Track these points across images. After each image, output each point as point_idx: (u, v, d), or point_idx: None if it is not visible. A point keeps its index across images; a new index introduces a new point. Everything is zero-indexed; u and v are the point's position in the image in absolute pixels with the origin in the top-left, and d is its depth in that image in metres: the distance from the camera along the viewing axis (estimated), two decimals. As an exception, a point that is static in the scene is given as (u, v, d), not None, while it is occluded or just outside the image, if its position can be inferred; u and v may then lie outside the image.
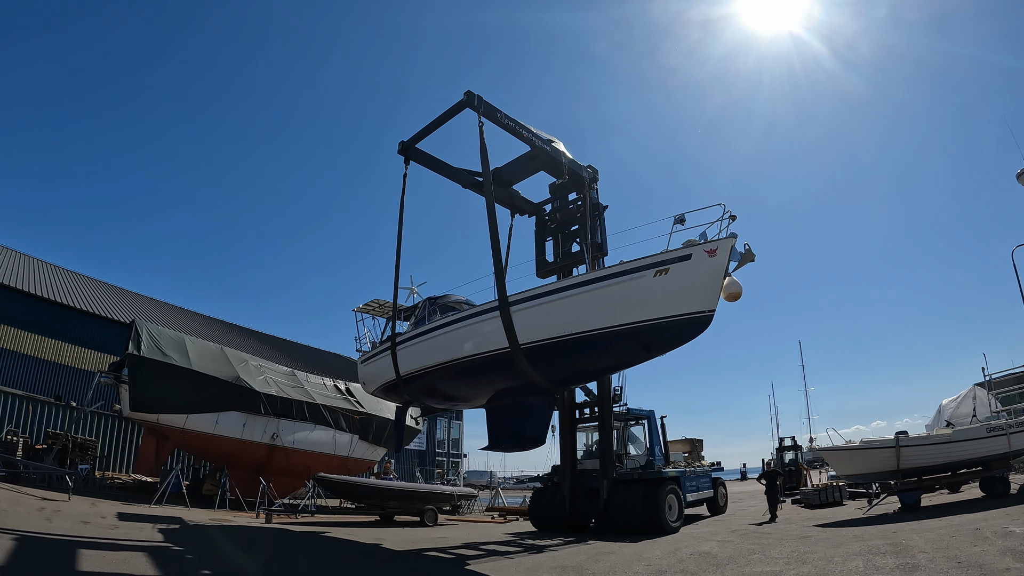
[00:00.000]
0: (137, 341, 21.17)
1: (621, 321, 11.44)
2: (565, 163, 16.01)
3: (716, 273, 11.12)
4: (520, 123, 15.02)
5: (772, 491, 17.90)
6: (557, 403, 17.49)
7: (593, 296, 11.76)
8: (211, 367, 22.68)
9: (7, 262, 30.27)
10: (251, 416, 22.85)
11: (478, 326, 13.08)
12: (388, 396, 17.00)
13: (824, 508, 21.77)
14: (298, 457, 23.98)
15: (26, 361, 25.88)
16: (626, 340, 11.56)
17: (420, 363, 14.33)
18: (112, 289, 37.00)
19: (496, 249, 12.86)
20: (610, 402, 16.86)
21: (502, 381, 13.44)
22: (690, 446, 26.04)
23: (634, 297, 11.39)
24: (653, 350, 11.76)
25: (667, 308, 11.18)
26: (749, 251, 11.35)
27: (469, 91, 13.88)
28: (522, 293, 12.55)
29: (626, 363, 13.08)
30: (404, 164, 15.97)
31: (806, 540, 12.92)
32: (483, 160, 13.27)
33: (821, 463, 34.82)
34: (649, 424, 19.59)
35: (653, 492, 15.88)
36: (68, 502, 16.46)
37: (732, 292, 11.30)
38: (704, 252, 11.13)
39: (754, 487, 38.11)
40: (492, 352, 12.77)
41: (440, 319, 14.09)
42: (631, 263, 11.59)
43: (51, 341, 26.84)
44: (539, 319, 12.20)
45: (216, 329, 39.23)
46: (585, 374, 13.71)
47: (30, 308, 26.62)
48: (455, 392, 14.86)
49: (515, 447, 13.70)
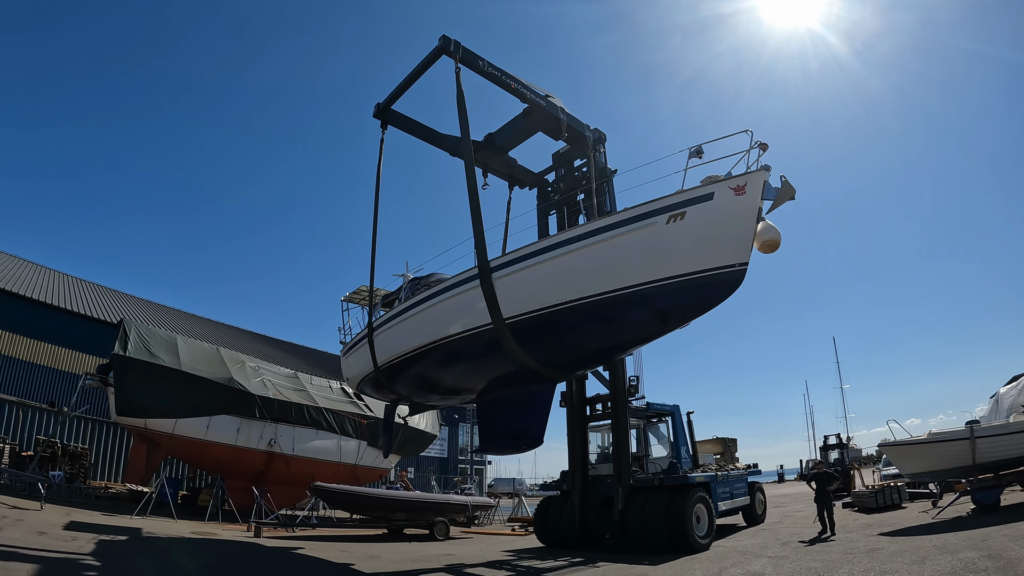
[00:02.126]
0: (124, 341, 18.91)
1: (627, 283, 8.57)
2: (563, 119, 13.08)
3: (746, 215, 8.18)
4: (508, 73, 12.24)
5: (824, 498, 14.19)
6: (565, 398, 14.50)
7: (591, 253, 8.88)
8: (203, 368, 20.22)
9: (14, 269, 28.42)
10: (246, 421, 20.27)
11: (456, 300, 10.29)
12: (373, 392, 14.17)
13: (882, 512, 18.31)
14: (299, 465, 21.28)
15: (20, 366, 23.82)
16: (635, 307, 8.67)
17: (396, 350, 11.56)
18: (118, 294, 35.23)
19: (474, 205, 10.08)
20: (624, 395, 13.70)
21: (489, 367, 10.60)
22: (722, 446, 22.43)
23: (642, 251, 8.52)
24: (670, 319, 8.81)
25: (685, 263, 8.29)
26: (787, 185, 8.35)
27: (444, 36, 11.19)
28: (506, 255, 9.72)
29: (638, 339, 9.99)
30: (381, 129, 13.34)
31: (877, 554, 9.96)
32: (460, 110, 10.68)
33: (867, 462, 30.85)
34: (673, 421, 16.38)
35: (678, 501, 12.73)
36: (39, 512, 14.42)
37: (768, 240, 8.28)
38: (729, 189, 8.20)
39: (795, 489, 34.36)
40: (473, 330, 9.97)
41: (415, 297, 11.26)
42: (637, 208, 8.72)
43: (47, 346, 24.75)
44: (527, 286, 9.39)
45: (227, 335, 37.07)
46: (587, 355, 10.59)
47: (25, 311, 24.60)
48: (438, 383, 11.96)
49: (510, 448, 10.84)
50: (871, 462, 46.25)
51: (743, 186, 8.17)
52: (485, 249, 9.82)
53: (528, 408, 10.38)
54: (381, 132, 13.40)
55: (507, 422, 10.76)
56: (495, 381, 10.93)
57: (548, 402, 10.50)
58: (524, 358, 9.63)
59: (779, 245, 8.26)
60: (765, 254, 8.38)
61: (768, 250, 8.30)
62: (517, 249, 9.67)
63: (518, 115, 13.73)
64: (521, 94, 12.45)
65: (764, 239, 8.22)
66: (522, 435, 10.42)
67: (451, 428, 41.81)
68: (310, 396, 22.76)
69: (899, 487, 20.03)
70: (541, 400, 10.36)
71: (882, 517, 16.80)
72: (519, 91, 12.39)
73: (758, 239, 8.25)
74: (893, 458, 16.78)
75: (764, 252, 8.34)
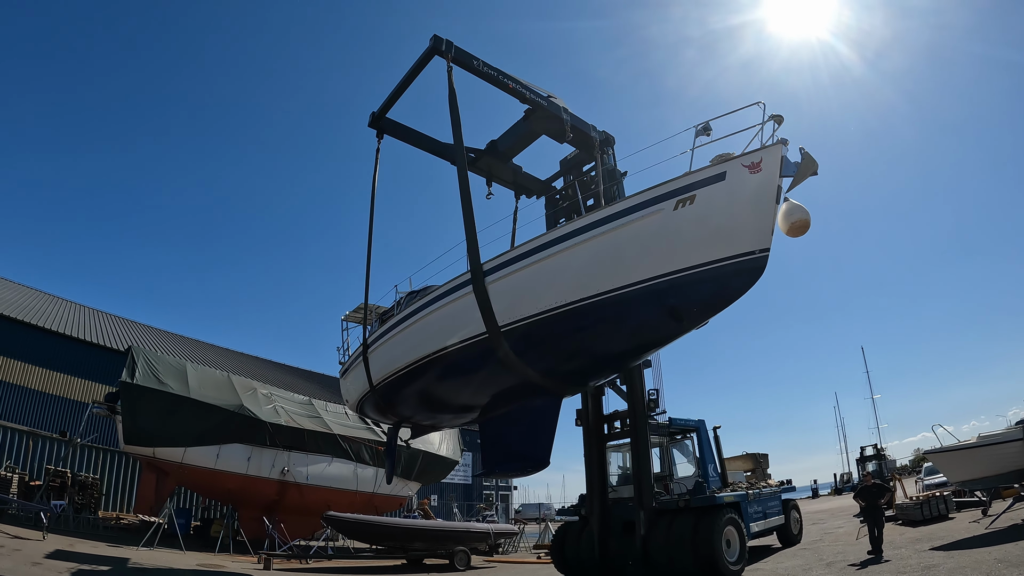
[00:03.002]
0: (132, 369, 18.20)
1: (632, 278, 7.45)
2: (567, 119, 12.00)
3: (764, 195, 7.04)
4: (505, 73, 11.28)
5: (874, 514, 12.54)
6: (580, 416, 13.26)
7: (591, 247, 7.78)
8: (212, 395, 19.36)
9: (14, 296, 28.11)
10: (257, 448, 19.29)
11: (449, 308, 9.23)
12: (373, 414, 13.07)
13: (929, 524, 16.59)
14: (314, 494, 20.20)
15: (32, 395, 23.32)
16: (642, 306, 7.52)
17: (390, 366, 10.50)
18: (132, 323, 34.90)
19: (466, 203, 9.06)
20: (644, 410, 12.40)
21: (487, 381, 9.48)
22: (753, 463, 20.74)
23: (648, 241, 7.40)
24: (684, 317, 7.64)
25: (697, 252, 7.16)
26: (808, 158, 7.20)
27: (436, 35, 10.31)
28: (501, 256, 8.64)
29: (649, 342, 8.79)
30: (377, 139, 12.48)
31: (934, 572, 8.73)
32: (452, 109, 9.80)
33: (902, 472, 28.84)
34: (699, 437, 14.95)
35: (705, 524, 11.36)
36: (40, 542, 13.65)
37: (796, 221, 7.12)
38: (743, 167, 7.08)
39: (832, 504, 32.33)
40: (468, 341, 8.87)
41: (407, 309, 10.21)
42: (640, 195, 7.60)
43: (59, 375, 24.22)
44: (523, 288, 8.31)
45: (242, 363, 36.32)
46: (594, 363, 9.36)
47: (37, 341, 24.14)
48: (435, 400, 10.85)
49: (514, 470, 9.64)
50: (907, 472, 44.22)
51: (758, 163, 7.04)
52: (477, 250, 8.78)
53: (531, 426, 9.21)
54: (377, 142, 12.55)
55: (509, 442, 9.59)
56: (497, 396, 9.80)
57: (553, 419, 9.29)
58: (523, 369, 8.52)
59: (808, 226, 7.08)
60: (793, 237, 7.20)
61: (797, 232, 7.12)
62: (512, 248, 8.61)
63: (520, 119, 12.77)
64: (520, 94, 11.46)
65: (791, 220, 7.06)
66: (526, 456, 9.23)
67: (475, 454, 40.17)
68: (324, 423, 21.73)
69: (945, 496, 18.32)
70: (545, 417, 9.17)
71: (930, 530, 15.19)
72: (517, 91, 11.40)
73: (784, 221, 7.10)
74: (940, 465, 15.28)
75: (792, 235, 7.17)
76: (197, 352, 33.55)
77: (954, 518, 17.16)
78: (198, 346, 36.42)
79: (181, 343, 35.08)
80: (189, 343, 36.36)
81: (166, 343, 32.52)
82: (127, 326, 33.16)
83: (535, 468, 9.33)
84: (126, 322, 34.24)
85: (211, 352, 35.91)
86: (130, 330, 32.20)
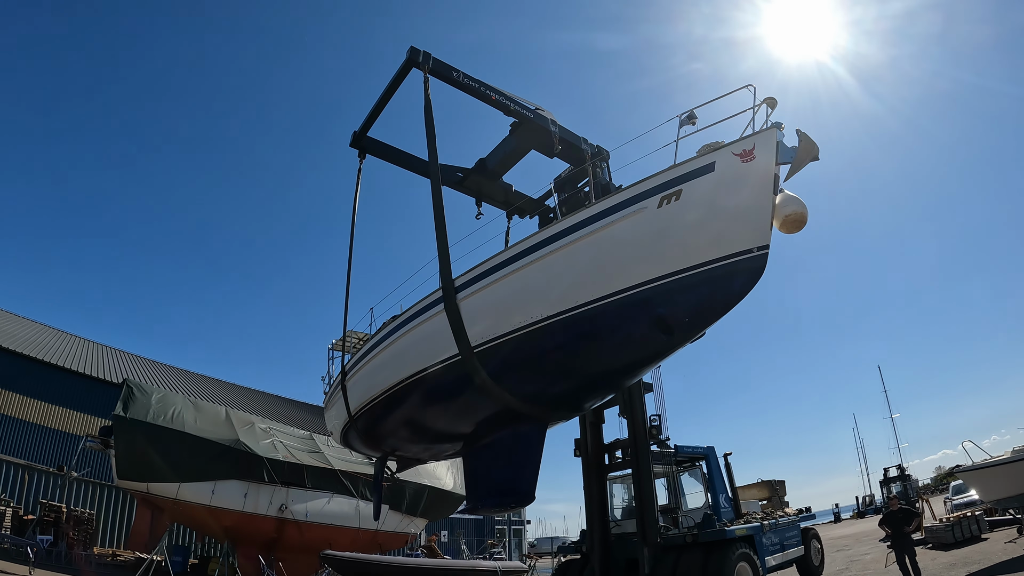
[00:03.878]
0: (127, 402, 17.36)
1: (614, 287, 6.47)
2: (555, 131, 11.10)
3: (759, 186, 6.05)
4: (488, 84, 10.48)
5: (903, 541, 11.13)
6: (579, 446, 12.12)
7: (567, 255, 6.80)
8: (208, 430, 18.42)
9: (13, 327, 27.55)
10: (254, 485, 18.22)
11: (421, 329, 8.24)
12: (359, 446, 11.98)
13: (961, 547, 15.18)
14: (314, 531, 19.01)
15: (29, 428, 22.52)
16: (626, 317, 6.52)
17: (367, 394, 9.50)
18: (133, 357, 34.08)
19: (439, 218, 8.14)
20: (646, 438, 11.21)
21: (465, 407, 8.43)
22: (769, 491, 19.21)
23: (630, 244, 6.43)
24: (675, 328, 6.58)
25: (687, 253, 6.18)
26: (806, 141, 6.19)
27: (413, 47, 9.58)
28: (475, 268, 7.69)
29: (637, 360, 7.65)
30: (359, 158, 11.67)
31: None
32: (427, 121, 8.98)
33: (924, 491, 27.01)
34: (708, 465, 13.67)
35: (715, 560, 10.13)
36: None
37: (791, 215, 6.10)
38: (734, 156, 6.12)
39: (856, 529, 30.44)
40: (441, 364, 7.86)
41: (383, 331, 9.25)
42: (621, 192, 6.66)
43: (57, 408, 23.42)
44: (496, 304, 7.35)
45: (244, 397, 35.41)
46: (576, 386, 8.20)
47: (35, 373, 23.43)
48: (413, 430, 9.75)
49: (497, 506, 8.48)
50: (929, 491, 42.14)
51: (751, 150, 6.07)
52: (449, 265, 7.84)
53: (514, 458, 8.12)
54: (359, 162, 11.76)
55: (492, 475, 8.49)
56: (476, 424, 8.71)
57: (537, 450, 8.19)
58: (500, 394, 7.48)
59: (805, 220, 6.06)
60: (788, 233, 6.18)
61: (792, 227, 6.10)
62: (486, 260, 7.64)
63: (507, 135, 11.93)
64: (503, 106, 10.61)
65: (786, 214, 6.05)
66: (509, 490, 8.12)
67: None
68: (325, 458, 20.62)
69: (977, 516, 16.83)
70: (529, 448, 8.07)
71: (964, 553, 13.86)
72: (500, 103, 10.55)
73: (777, 216, 6.09)
74: (973, 483, 13.99)
75: (788, 231, 6.15)
76: (198, 386, 32.76)
77: (987, 539, 15.90)
78: (199, 380, 35.63)
79: (182, 376, 34.31)
80: (190, 377, 35.57)
81: (167, 377, 31.77)
82: (128, 360, 32.50)
83: (519, 503, 8.22)
84: (127, 356, 33.58)
85: (212, 386, 35.08)
86: (131, 363, 31.53)
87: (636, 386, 11.26)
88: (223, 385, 37.04)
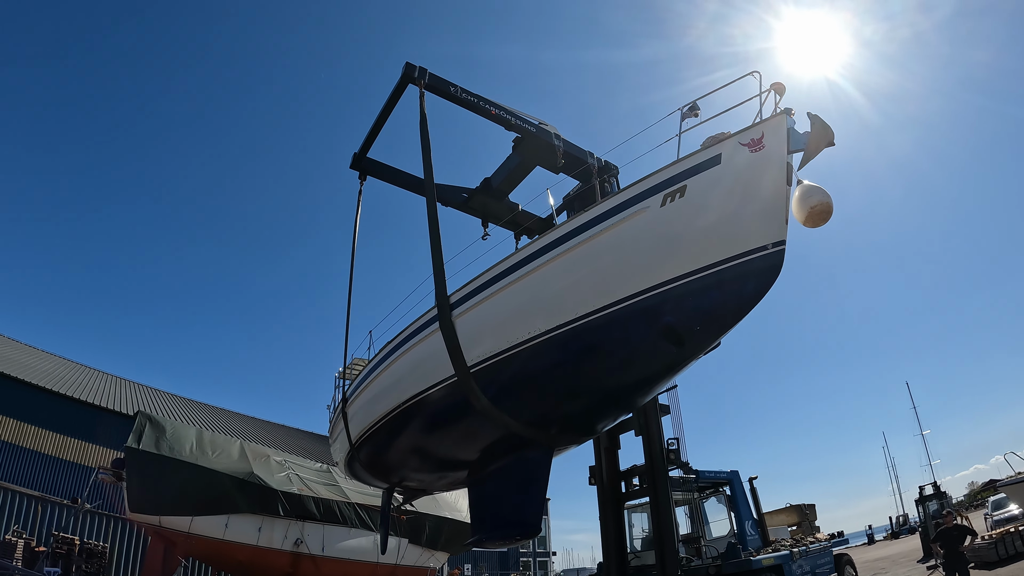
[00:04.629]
0: (139, 434, 16.85)
1: (616, 295, 5.78)
2: (558, 145, 10.47)
3: (771, 176, 5.36)
4: (487, 99, 9.95)
5: (957, 561, 9.97)
6: (593, 473, 11.23)
7: (566, 263, 6.13)
8: (222, 463, 17.80)
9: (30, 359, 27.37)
10: (268, 518, 17.48)
11: (416, 350, 7.56)
12: (364, 477, 11.24)
13: (1007, 564, 14.09)
14: (331, 567, 18.19)
15: (45, 460, 22.27)
16: (633, 328, 5.80)
17: (366, 420, 8.82)
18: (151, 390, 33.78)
19: (434, 234, 7.54)
20: (663, 463, 10.32)
21: (465, 433, 7.69)
22: (799, 515, 17.96)
23: (633, 247, 5.74)
24: (685, 338, 5.82)
25: (694, 255, 5.48)
26: (820, 125, 5.45)
27: (408, 63, 9.13)
28: (473, 281, 7.03)
29: (649, 374, 6.80)
30: (359, 180, 11.16)
31: None
32: (422, 137, 8.45)
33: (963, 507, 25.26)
34: (732, 491, 12.69)
35: (742, 594, 9.18)
36: None
37: (815, 206, 5.32)
38: (741, 146, 5.43)
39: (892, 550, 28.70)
40: (437, 386, 7.16)
41: (380, 354, 8.60)
42: (622, 192, 5.98)
43: (73, 440, 23.15)
44: (493, 319, 6.67)
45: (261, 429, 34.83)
46: (586, 407, 7.40)
47: (52, 406, 23.16)
48: (413, 457, 8.99)
49: (501, 538, 7.68)
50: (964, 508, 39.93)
51: (759, 138, 5.38)
52: (444, 280, 7.20)
53: (518, 487, 7.35)
54: (359, 184, 11.26)
55: (496, 506, 7.72)
56: (483, 451, 7.96)
57: (542, 477, 7.40)
58: (500, 417, 6.75)
59: (831, 210, 5.28)
60: (814, 227, 5.40)
61: (818, 220, 5.31)
62: (481, 273, 6.97)
63: (511, 152, 11.37)
64: (504, 120, 10.04)
65: (810, 205, 5.28)
66: (515, 522, 7.33)
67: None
68: (342, 491, 19.84)
69: (1021, 532, 15.58)
70: (534, 476, 7.29)
71: (1010, 571, 12.78)
72: (501, 117, 9.98)
73: (800, 208, 5.34)
74: (1016, 497, 12.73)
75: (812, 224, 5.36)
76: (213, 418, 32.30)
77: (1033, 555, 14.66)
78: (214, 412, 35.12)
79: (196, 409, 33.89)
80: (205, 409, 35.10)
81: (181, 409, 31.37)
82: (143, 391, 32.23)
83: (524, 535, 7.41)
84: (142, 387, 33.29)
85: (227, 418, 34.63)
86: (145, 395, 31.26)
87: (652, 408, 10.45)
88: (239, 417, 36.56)
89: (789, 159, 5.41)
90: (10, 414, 22.04)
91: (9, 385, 22.56)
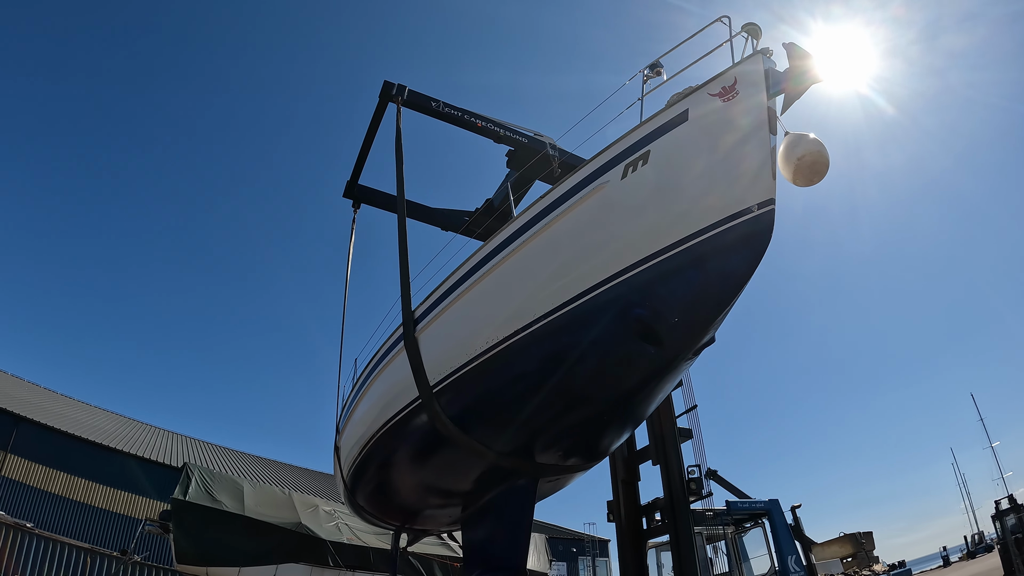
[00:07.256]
0: (186, 485, 15.98)
1: (578, 288, 4.42)
2: (553, 154, 9.24)
3: (750, 125, 4.00)
4: (472, 112, 8.92)
5: None
6: (611, 508, 9.47)
7: (523, 257, 4.85)
8: (270, 513, 16.68)
9: (80, 414, 26.98)
10: (317, 568, 16.11)
11: (387, 371, 6.34)
12: (364, 516, 9.80)
13: None
14: (381, 616, 16.60)
15: (96, 513, 21.47)
16: (598, 326, 4.43)
17: (351, 455, 7.56)
18: (203, 443, 32.84)
19: (403, 249, 6.41)
20: (684, 494, 8.58)
21: (439, 464, 6.31)
22: (853, 546, 15.33)
23: (591, 230, 4.48)
24: (663, 336, 4.38)
25: (663, 230, 4.11)
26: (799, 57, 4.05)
27: (387, 81, 8.23)
28: (432, 294, 5.82)
29: (629, 388, 5.26)
30: (353, 208, 10.16)
31: None
32: (397, 154, 7.55)
33: None
34: (772, 522, 10.64)
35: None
36: None
37: (805, 156, 3.89)
38: (711, 96, 4.15)
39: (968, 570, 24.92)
40: (404, 410, 5.88)
41: (360, 380, 7.40)
42: (577, 173, 4.72)
43: (123, 493, 22.35)
44: (453, 330, 5.40)
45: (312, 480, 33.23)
46: (566, 429, 5.88)
47: (102, 459, 22.55)
48: (395, 494, 7.60)
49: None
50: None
51: (731, 85, 4.08)
52: (409, 295, 6.02)
53: (501, 524, 5.91)
54: (353, 212, 10.25)
55: (483, 546, 6.27)
56: (468, 481, 6.54)
57: (523, 512, 5.92)
58: (467, 443, 5.39)
59: (827, 162, 3.86)
60: (808, 185, 3.96)
61: (811, 175, 3.88)
62: (443, 281, 5.76)
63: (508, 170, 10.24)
64: (492, 132, 8.90)
65: (796, 156, 3.87)
66: (501, 564, 5.86)
67: (570, 563, 33.40)
68: None
69: None
70: (513, 510, 5.83)
71: None
72: (489, 129, 8.86)
73: (785, 162, 3.94)
74: None
75: (806, 181, 3.93)
76: (261, 469, 31.17)
77: None
78: (263, 463, 33.83)
79: (244, 460, 32.67)
80: (253, 460, 33.82)
81: (229, 460, 30.37)
82: (190, 444, 31.52)
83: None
84: (189, 439, 32.56)
85: (276, 468, 33.33)
86: (193, 447, 30.60)
87: (670, 433, 8.79)
88: (285, 467, 35.39)
89: (771, 104, 4.07)
90: (59, 467, 21.71)
91: (58, 438, 22.33)
